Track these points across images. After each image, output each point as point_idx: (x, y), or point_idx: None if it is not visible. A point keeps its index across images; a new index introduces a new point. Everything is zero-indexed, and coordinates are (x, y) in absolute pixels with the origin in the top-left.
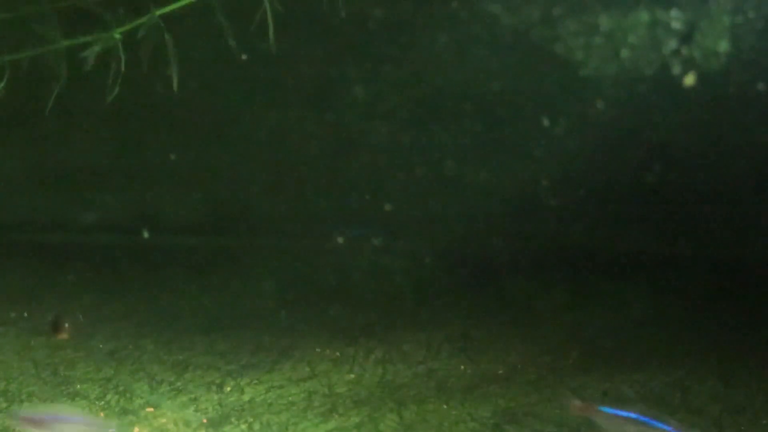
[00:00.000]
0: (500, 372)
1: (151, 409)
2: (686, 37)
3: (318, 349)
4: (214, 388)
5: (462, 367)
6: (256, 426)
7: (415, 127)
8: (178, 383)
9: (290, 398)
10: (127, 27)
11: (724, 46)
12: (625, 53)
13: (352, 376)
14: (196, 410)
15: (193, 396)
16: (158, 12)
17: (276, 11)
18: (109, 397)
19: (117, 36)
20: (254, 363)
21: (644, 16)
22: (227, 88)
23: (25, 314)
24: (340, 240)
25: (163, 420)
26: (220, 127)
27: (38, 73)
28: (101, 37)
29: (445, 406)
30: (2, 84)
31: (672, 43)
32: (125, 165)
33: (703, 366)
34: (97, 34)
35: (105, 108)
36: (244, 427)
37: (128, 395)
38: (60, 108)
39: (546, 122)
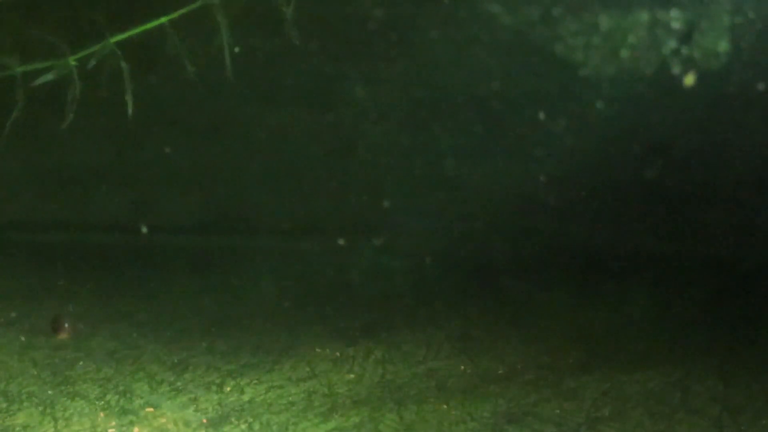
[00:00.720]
0: (500, 372)
1: (151, 409)
2: (686, 37)
3: (318, 349)
4: (214, 388)
5: (462, 367)
6: (256, 426)
7: (416, 127)
8: (178, 383)
9: (290, 398)
10: (81, 54)
11: (724, 46)
12: (624, 53)
13: (352, 376)
14: (196, 410)
15: (193, 396)
16: (114, 39)
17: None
18: (109, 397)
19: (72, 63)
20: (254, 363)
21: (644, 16)
22: (227, 88)
23: (25, 314)
24: (341, 240)
25: (163, 420)
26: (220, 126)
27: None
28: (57, 64)
29: (445, 406)
30: None
31: (672, 43)
32: (125, 164)
33: (703, 366)
34: (53, 61)
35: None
36: (244, 427)
37: (128, 395)
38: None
39: (547, 122)
